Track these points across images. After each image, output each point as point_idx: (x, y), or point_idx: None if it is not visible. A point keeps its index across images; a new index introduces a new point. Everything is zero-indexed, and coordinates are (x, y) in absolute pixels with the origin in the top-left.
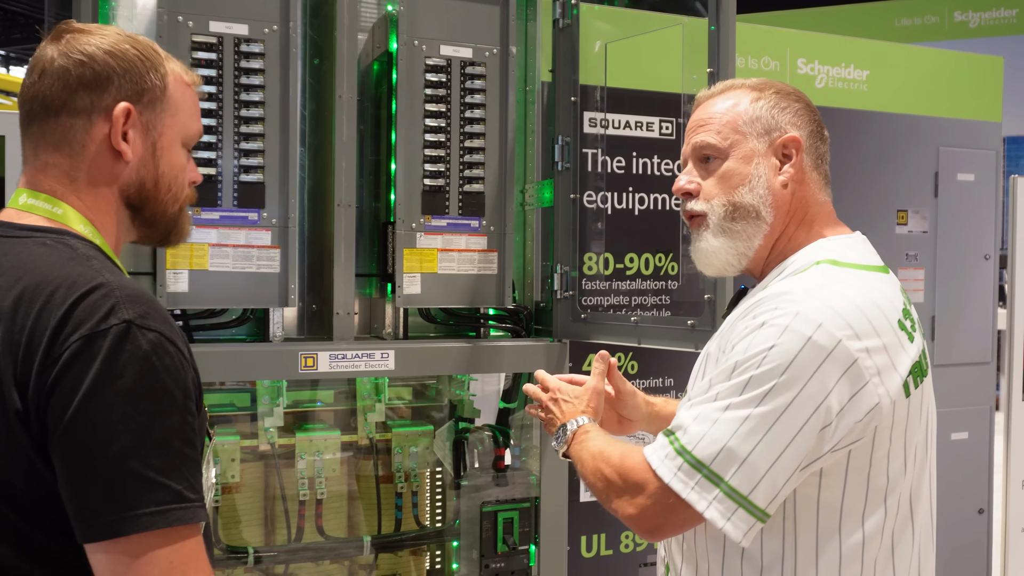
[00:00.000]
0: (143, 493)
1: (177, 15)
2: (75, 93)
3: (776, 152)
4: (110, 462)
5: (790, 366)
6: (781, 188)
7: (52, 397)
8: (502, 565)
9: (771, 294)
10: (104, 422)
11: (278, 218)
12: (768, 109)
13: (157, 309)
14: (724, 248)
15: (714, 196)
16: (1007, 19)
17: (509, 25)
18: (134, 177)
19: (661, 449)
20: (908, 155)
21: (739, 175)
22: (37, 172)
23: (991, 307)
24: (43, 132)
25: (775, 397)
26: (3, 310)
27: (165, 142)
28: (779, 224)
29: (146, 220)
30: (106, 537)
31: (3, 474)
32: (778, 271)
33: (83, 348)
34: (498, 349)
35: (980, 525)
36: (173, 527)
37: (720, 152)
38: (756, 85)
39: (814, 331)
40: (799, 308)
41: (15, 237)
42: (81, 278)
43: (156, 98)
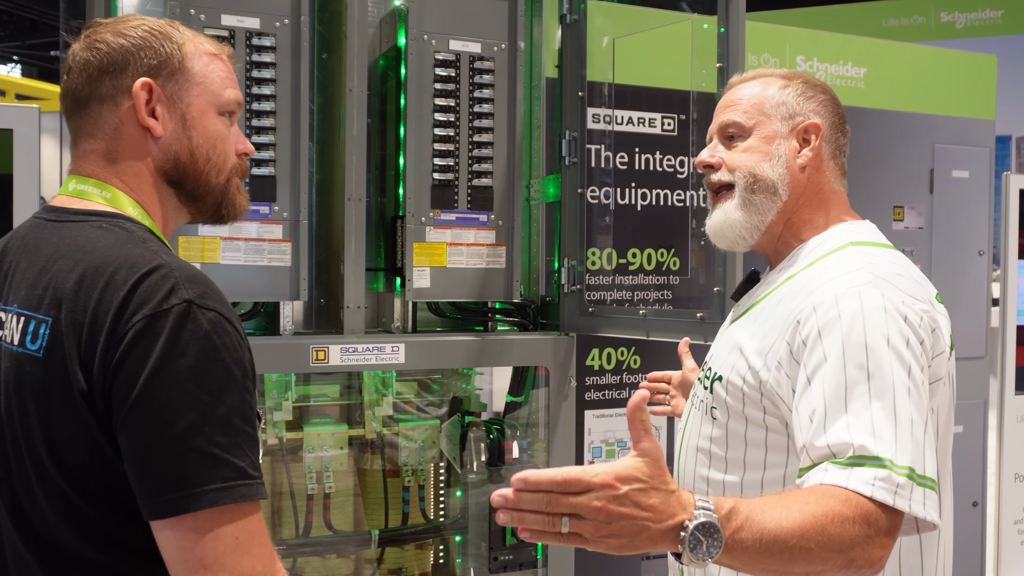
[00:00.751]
0: (208, 470)
1: (189, 8)
2: (97, 81)
3: (797, 136)
4: (176, 439)
5: (889, 343)
6: (799, 170)
7: (117, 376)
8: (510, 557)
9: (818, 292)
10: (169, 400)
11: (289, 212)
12: (794, 96)
13: (214, 289)
14: (739, 220)
15: (736, 168)
16: (993, 20)
17: (517, 20)
18: (168, 152)
19: (864, 478)
20: (904, 152)
21: (761, 152)
22: (80, 159)
23: (985, 303)
24: (79, 124)
25: (899, 376)
26: (65, 292)
27: (195, 112)
28: (792, 203)
29: (190, 194)
30: (173, 514)
31: (67, 454)
32: (802, 252)
33: (146, 327)
34: (507, 342)
35: (975, 518)
36: (238, 503)
37: (744, 131)
38: (786, 74)
39: (889, 304)
40: (861, 290)
41: (71, 221)
42: (140, 259)
43: (175, 69)
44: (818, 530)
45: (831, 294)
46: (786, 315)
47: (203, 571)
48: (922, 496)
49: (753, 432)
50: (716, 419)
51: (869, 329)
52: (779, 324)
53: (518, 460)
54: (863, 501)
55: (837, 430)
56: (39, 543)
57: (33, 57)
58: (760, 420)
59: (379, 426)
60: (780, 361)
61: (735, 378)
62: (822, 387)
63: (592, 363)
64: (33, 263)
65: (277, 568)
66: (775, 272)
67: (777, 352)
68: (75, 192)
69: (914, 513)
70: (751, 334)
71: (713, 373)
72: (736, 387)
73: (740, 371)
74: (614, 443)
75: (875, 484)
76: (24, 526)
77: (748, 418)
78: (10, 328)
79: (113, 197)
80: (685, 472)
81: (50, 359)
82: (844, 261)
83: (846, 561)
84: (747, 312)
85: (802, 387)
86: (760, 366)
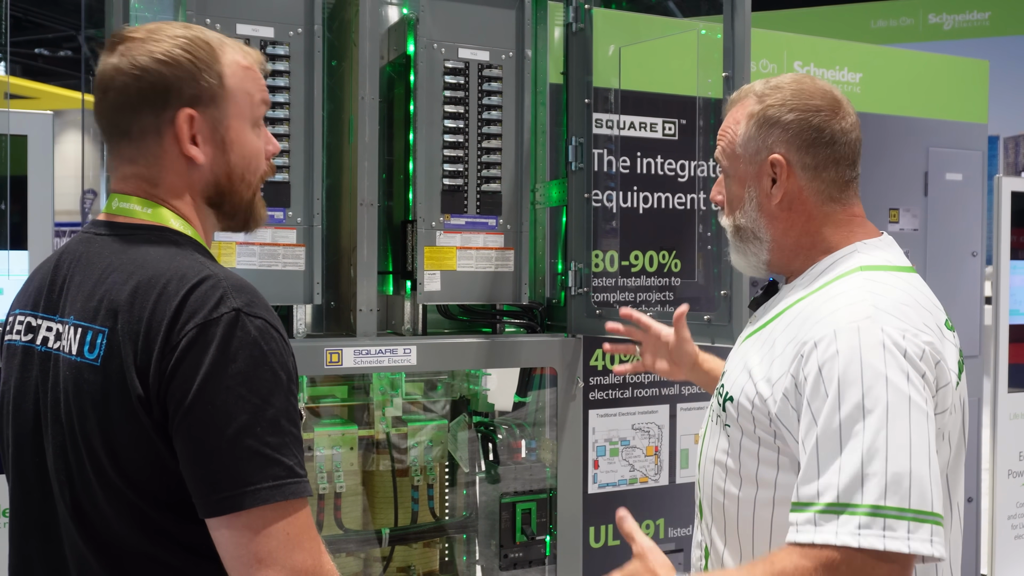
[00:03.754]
0: (261, 469)
1: (205, 18)
2: (139, 111)
3: (765, 173)
4: (230, 440)
5: (886, 378)
6: (776, 209)
7: (172, 382)
8: (520, 555)
9: (819, 326)
10: (222, 403)
11: (303, 217)
12: (757, 129)
13: (260, 298)
14: (741, 263)
15: (727, 216)
16: (980, 21)
17: (524, 28)
18: (209, 177)
19: (850, 528)
20: (899, 155)
21: (736, 198)
22: (122, 181)
23: (978, 302)
24: (119, 149)
25: (896, 411)
26: (120, 303)
27: (233, 135)
28: (781, 238)
29: (227, 213)
30: (229, 511)
31: (125, 456)
32: (814, 272)
33: (199, 335)
34: (515, 344)
35: (969, 514)
36: (288, 500)
37: (725, 170)
38: (763, 93)
39: (887, 340)
40: (860, 326)
41: (121, 236)
42: (190, 271)
43: (216, 95)
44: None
45: (831, 329)
46: (792, 346)
47: (257, 565)
48: (910, 532)
49: (765, 452)
50: (730, 436)
51: (866, 367)
52: (786, 355)
53: (527, 459)
54: (826, 552)
55: (828, 474)
56: (100, 541)
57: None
58: (771, 442)
59: (388, 426)
60: (786, 394)
61: (744, 401)
62: (819, 427)
63: (596, 363)
64: (87, 276)
65: (325, 560)
66: (789, 288)
67: (784, 384)
68: (119, 210)
69: (914, 551)
70: (760, 357)
71: (726, 391)
72: (746, 409)
73: (749, 395)
74: (617, 442)
75: (861, 533)
76: (85, 525)
77: (760, 439)
78: (67, 339)
79: (156, 212)
80: (704, 482)
81: (108, 367)
82: (849, 291)
83: None
84: (761, 329)
85: (806, 425)
86: (768, 395)
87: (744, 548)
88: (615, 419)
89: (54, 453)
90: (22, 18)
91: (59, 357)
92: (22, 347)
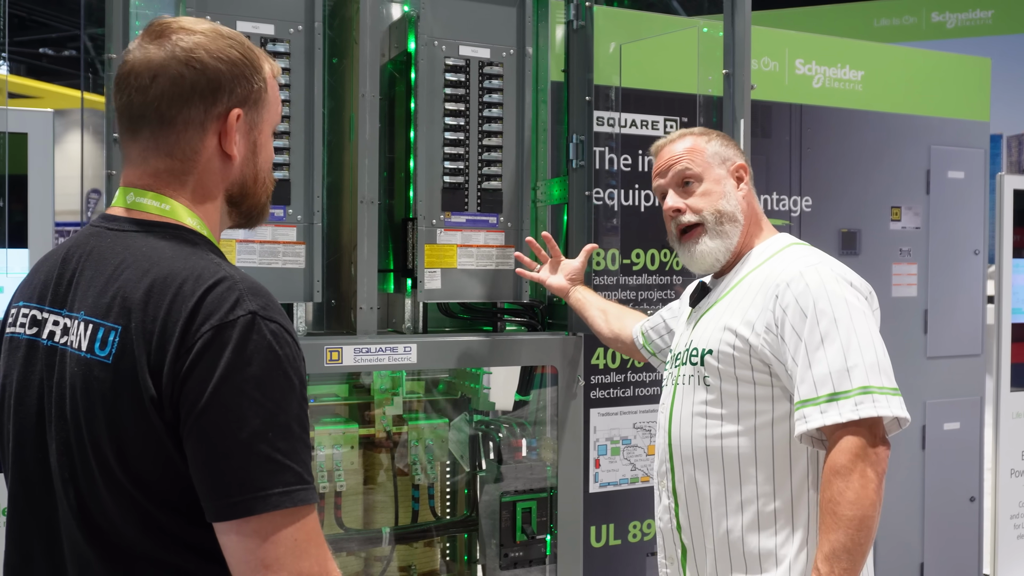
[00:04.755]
0: (272, 475)
1: (205, 15)
2: (189, 103)
3: (732, 175)
4: (242, 445)
5: (844, 299)
6: (742, 202)
7: (186, 384)
8: (521, 554)
9: (785, 273)
10: (236, 407)
11: (303, 215)
12: (719, 145)
13: (274, 301)
14: (717, 247)
15: (703, 208)
16: (983, 20)
17: (525, 26)
18: (238, 176)
19: (843, 408)
20: (901, 153)
21: (716, 192)
22: (147, 175)
23: (981, 301)
24: (155, 139)
25: (860, 322)
26: (135, 301)
27: (263, 139)
28: (744, 226)
29: (243, 213)
30: (238, 516)
31: (133, 456)
32: (752, 256)
33: (215, 337)
34: (516, 342)
35: (972, 513)
36: (297, 507)
37: (698, 176)
38: (703, 131)
39: (838, 276)
40: (818, 268)
41: (134, 231)
42: (206, 271)
43: (259, 99)
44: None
45: (796, 271)
46: (761, 294)
47: (264, 571)
48: (888, 401)
49: (743, 388)
50: (710, 385)
51: (831, 293)
52: (759, 302)
53: (527, 457)
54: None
55: (819, 368)
56: (103, 541)
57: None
58: (749, 377)
59: (389, 425)
60: (768, 327)
61: (725, 348)
62: (804, 339)
63: (597, 362)
64: (99, 271)
65: (331, 568)
66: (729, 276)
67: (764, 320)
68: (132, 204)
69: (895, 414)
70: (731, 314)
71: (700, 350)
72: (727, 354)
73: (728, 341)
74: (619, 441)
75: (858, 408)
76: (89, 525)
77: (739, 378)
78: (77, 334)
79: (172, 209)
80: (683, 437)
81: (120, 365)
82: (794, 253)
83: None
84: (719, 302)
85: (793, 342)
86: (748, 334)
87: (729, 478)
88: (616, 418)
89: (58, 450)
90: (26, 18)
91: (66, 352)
92: (26, 340)
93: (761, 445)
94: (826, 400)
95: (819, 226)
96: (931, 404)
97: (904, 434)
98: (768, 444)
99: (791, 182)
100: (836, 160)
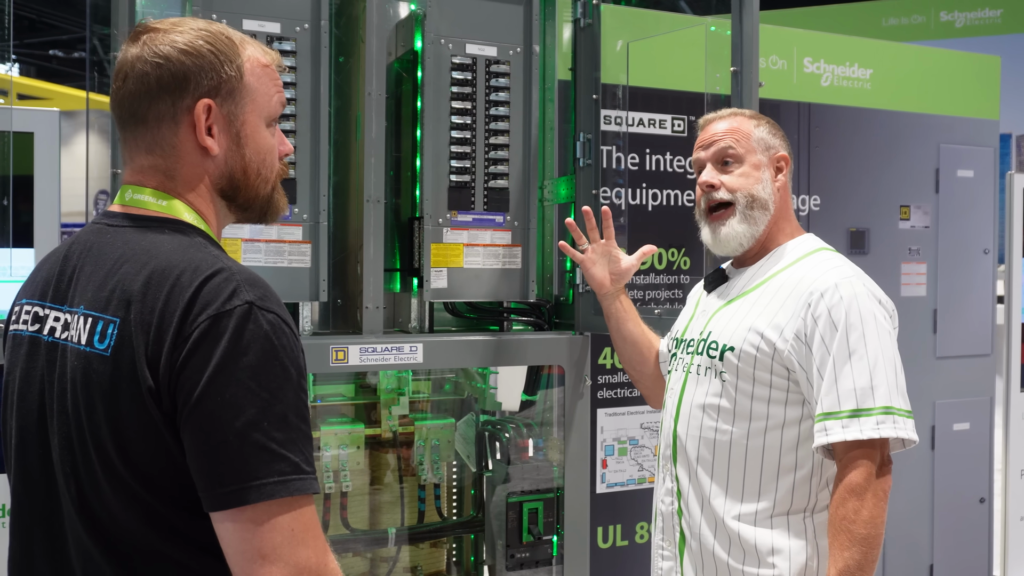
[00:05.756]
0: (267, 464)
1: (211, 13)
2: (156, 98)
3: (772, 164)
4: (237, 434)
5: (874, 316)
6: (776, 191)
7: (183, 373)
8: (527, 555)
9: (819, 282)
10: (231, 396)
11: (309, 214)
12: (766, 132)
13: (272, 292)
14: (743, 232)
15: (737, 189)
16: (992, 19)
17: (532, 24)
18: (223, 169)
19: (869, 424)
20: (910, 152)
21: (753, 176)
22: (138, 173)
23: (990, 301)
24: (135, 138)
25: (885, 343)
26: (133, 293)
27: (248, 130)
28: (777, 213)
29: (240, 206)
30: (233, 505)
31: (133, 449)
32: (785, 252)
33: (211, 327)
34: (523, 342)
35: (981, 514)
36: (294, 496)
37: (738, 157)
38: (753, 115)
39: (870, 292)
40: (852, 281)
41: (133, 227)
42: (203, 263)
43: (234, 88)
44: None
45: (832, 282)
46: (795, 298)
47: (261, 561)
48: (905, 423)
49: (759, 390)
50: (725, 381)
51: (863, 309)
52: (790, 306)
53: (534, 458)
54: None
55: (844, 383)
56: (105, 536)
57: (31, 56)
58: (767, 380)
59: (395, 425)
60: (797, 334)
61: (748, 348)
62: (833, 352)
63: (604, 362)
64: (99, 266)
65: (329, 559)
66: (756, 267)
67: (794, 327)
68: (132, 201)
69: (908, 436)
70: (757, 313)
71: (721, 345)
72: (749, 355)
73: (753, 342)
74: (626, 441)
75: (879, 427)
76: (91, 519)
77: (756, 379)
78: (76, 329)
79: (169, 205)
80: (690, 426)
81: (118, 358)
82: (826, 260)
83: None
84: (744, 296)
85: (821, 353)
86: (776, 338)
87: (733, 474)
88: (624, 418)
89: (59, 445)
90: (36, 19)
91: (67, 347)
92: (28, 337)
93: (769, 445)
94: (849, 416)
95: (828, 225)
96: (940, 404)
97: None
98: (776, 445)
99: (799, 181)
100: (845, 159)
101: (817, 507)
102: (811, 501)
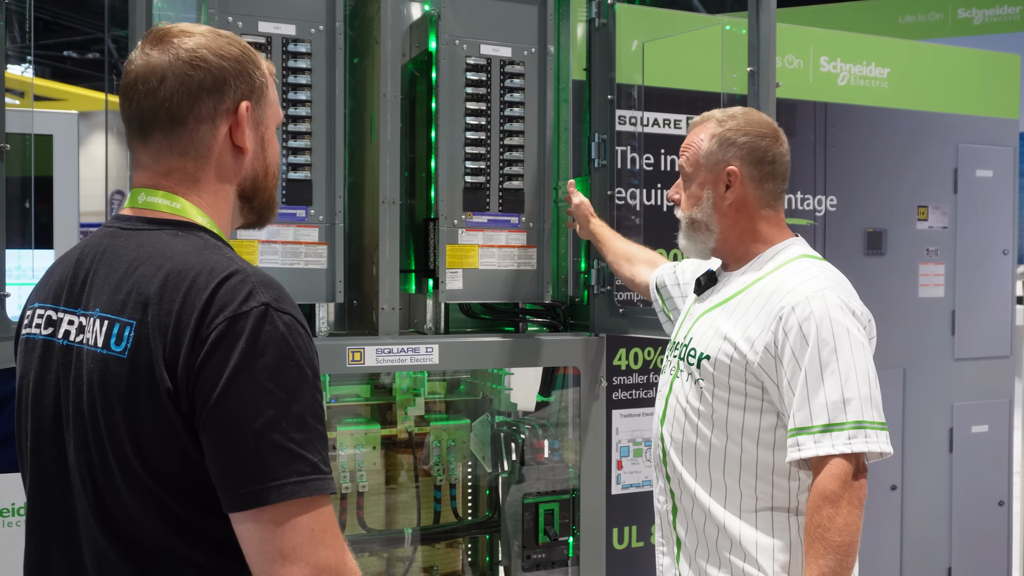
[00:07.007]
0: (286, 464)
1: (227, 16)
2: (198, 99)
3: (721, 180)
4: (256, 435)
5: (847, 329)
6: (727, 208)
7: (201, 375)
8: (543, 556)
9: (791, 295)
10: (250, 397)
11: (325, 215)
12: (718, 146)
13: (286, 294)
14: (689, 248)
15: (684, 210)
16: (1011, 16)
17: (547, 24)
18: (249, 171)
19: (841, 439)
20: (928, 152)
21: (695, 197)
22: (159, 176)
23: (1009, 302)
24: (168, 140)
25: (859, 355)
26: (150, 295)
27: (269, 133)
28: (729, 232)
29: (255, 208)
30: (254, 506)
31: (151, 450)
32: (762, 260)
33: (228, 329)
34: (538, 343)
35: (1000, 516)
36: (313, 496)
37: (687, 176)
38: (721, 120)
39: (843, 304)
40: (824, 294)
41: (147, 230)
42: (218, 265)
43: (262, 94)
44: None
45: (803, 296)
46: (767, 311)
47: (281, 560)
48: (878, 436)
49: (735, 398)
50: (703, 387)
51: (834, 322)
52: (762, 318)
53: (550, 459)
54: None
55: (816, 398)
56: (122, 536)
57: (46, 58)
58: (741, 389)
59: (411, 426)
60: (767, 347)
61: (722, 357)
62: (804, 366)
63: (620, 363)
64: (114, 269)
65: (348, 558)
66: (738, 274)
67: (764, 340)
68: (144, 204)
69: (883, 451)
70: (733, 323)
71: (699, 352)
72: (723, 364)
73: (727, 352)
74: (641, 442)
75: (851, 442)
76: (107, 521)
77: (731, 387)
78: (92, 332)
79: (182, 207)
80: (674, 430)
81: (135, 360)
82: (804, 269)
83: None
84: (723, 304)
85: (792, 368)
86: (747, 350)
87: (715, 477)
88: (639, 419)
89: (76, 447)
90: (51, 21)
91: (82, 350)
92: (42, 341)
93: (746, 450)
94: (820, 431)
95: (844, 226)
96: (959, 406)
97: (931, 437)
98: (752, 450)
99: (816, 181)
100: (861, 159)
101: (799, 509)
102: (792, 503)
